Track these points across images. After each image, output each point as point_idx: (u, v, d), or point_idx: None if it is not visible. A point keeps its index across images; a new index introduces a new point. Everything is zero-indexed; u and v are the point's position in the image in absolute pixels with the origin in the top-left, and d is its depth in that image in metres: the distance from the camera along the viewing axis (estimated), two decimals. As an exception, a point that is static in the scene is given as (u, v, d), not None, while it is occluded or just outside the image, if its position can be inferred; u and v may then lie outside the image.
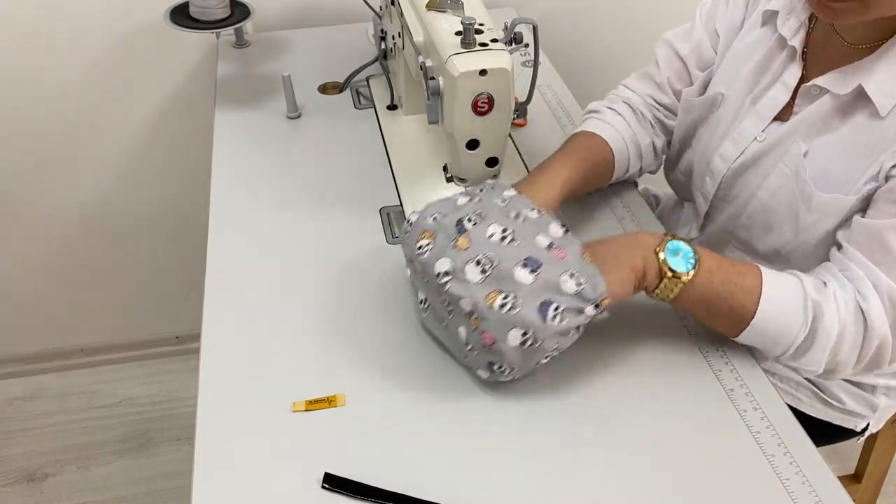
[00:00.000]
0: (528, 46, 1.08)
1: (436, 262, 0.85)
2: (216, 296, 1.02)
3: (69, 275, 1.88)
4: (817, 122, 0.95)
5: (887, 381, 1.11)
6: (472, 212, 0.88)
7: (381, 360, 0.93)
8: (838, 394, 1.11)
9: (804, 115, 0.96)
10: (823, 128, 0.95)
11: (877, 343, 0.87)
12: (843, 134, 0.93)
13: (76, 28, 1.56)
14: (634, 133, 1.15)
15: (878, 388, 1.12)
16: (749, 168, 1.04)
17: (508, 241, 0.85)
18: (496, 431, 0.85)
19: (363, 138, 1.31)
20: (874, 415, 1.13)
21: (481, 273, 0.83)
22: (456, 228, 0.87)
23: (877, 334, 0.86)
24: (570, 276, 0.82)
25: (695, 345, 0.95)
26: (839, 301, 0.87)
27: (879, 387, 1.12)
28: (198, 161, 1.64)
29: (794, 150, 0.96)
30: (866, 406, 1.13)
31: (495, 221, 0.87)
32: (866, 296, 0.87)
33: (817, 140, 0.95)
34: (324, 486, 0.79)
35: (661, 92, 1.18)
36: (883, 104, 0.88)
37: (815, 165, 0.95)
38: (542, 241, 0.85)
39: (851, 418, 1.13)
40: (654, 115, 1.18)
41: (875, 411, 1.13)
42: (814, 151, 0.95)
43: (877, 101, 0.88)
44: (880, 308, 0.86)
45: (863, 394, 1.12)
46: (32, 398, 1.94)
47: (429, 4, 1.03)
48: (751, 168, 1.03)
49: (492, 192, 0.94)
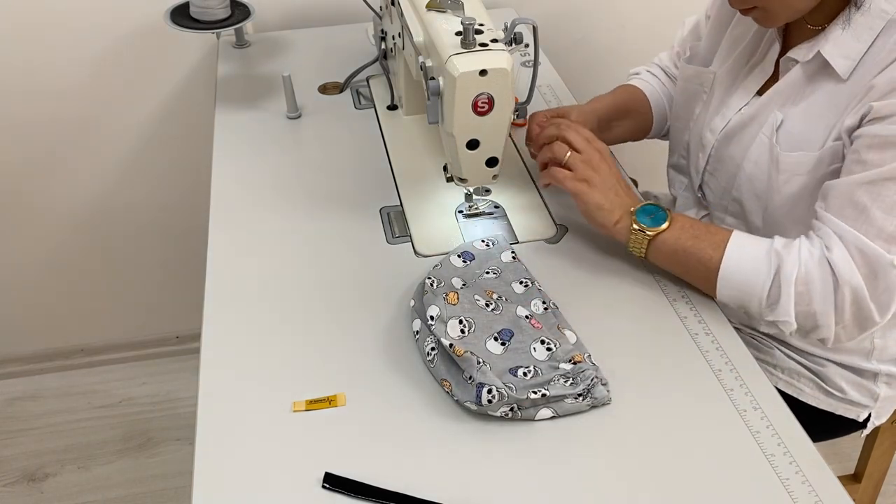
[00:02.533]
0: (528, 46, 1.08)
1: (428, 306, 0.92)
2: (216, 296, 1.02)
3: (69, 275, 1.88)
4: (790, 91, 1.02)
5: (888, 369, 1.12)
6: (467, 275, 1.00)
7: (381, 360, 0.93)
8: (839, 382, 1.12)
9: (778, 86, 1.03)
10: (796, 96, 1.01)
11: (849, 293, 0.90)
12: (812, 100, 0.99)
13: (77, 28, 1.56)
14: (669, 91, 1.31)
15: (880, 375, 1.12)
16: (733, 140, 1.09)
17: (491, 309, 0.94)
18: (496, 431, 0.85)
19: (363, 138, 1.31)
20: (875, 404, 1.14)
21: (460, 332, 0.91)
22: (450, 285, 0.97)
23: (845, 282, 0.90)
24: (542, 343, 0.91)
25: (695, 345, 0.95)
26: (802, 251, 0.92)
27: (881, 375, 1.12)
28: (198, 161, 1.65)
29: (770, 120, 1.03)
30: (867, 395, 1.13)
31: (484, 291, 0.97)
32: (831, 246, 0.91)
33: (791, 109, 1.01)
34: (324, 486, 0.79)
35: (673, 66, 1.32)
36: (842, 66, 0.95)
37: (787, 130, 1.01)
38: (521, 312, 0.95)
39: (853, 408, 1.14)
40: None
41: (876, 400, 1.13)
42: (788, 119, 1.01)
43: (835, 64, 0.96)
44: (846, 257, 0.90)
45: (863, 382, 1.12)
46: (33, 398, 1.94)
47: (429, 4, 1.03)
48: (734, 140, 1.09)
49: (490, 253, 1.04)
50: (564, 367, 0.88)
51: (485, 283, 0.99)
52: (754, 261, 0.94)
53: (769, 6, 0.95)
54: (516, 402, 0.84)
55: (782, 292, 0.92)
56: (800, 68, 1.00)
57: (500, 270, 1.02)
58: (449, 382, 0.87)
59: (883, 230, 0.89)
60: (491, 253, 1.05)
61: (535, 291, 0.99)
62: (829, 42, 0.96)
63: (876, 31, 0.93)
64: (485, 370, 0.85)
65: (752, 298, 0.95)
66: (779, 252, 0.93)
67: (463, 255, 1.03)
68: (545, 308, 0.97)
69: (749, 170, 1.06)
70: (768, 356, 1.13)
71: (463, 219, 1.14)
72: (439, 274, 0.99)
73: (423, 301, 0.94)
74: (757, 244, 0.96)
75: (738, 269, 0.95)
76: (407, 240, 1.10)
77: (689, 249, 0.97)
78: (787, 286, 0.92)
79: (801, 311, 0.92)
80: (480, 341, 0.90)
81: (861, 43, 0.94)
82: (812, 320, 0.93)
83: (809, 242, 0.93)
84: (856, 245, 0.90)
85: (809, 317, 0.93)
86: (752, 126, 1.06)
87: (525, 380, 0.86)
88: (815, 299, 0.92)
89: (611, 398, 0.88)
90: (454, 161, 1.05)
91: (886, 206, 0.89)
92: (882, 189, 0.89)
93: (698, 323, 0.98)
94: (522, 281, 1.00)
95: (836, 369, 1.12)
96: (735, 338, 0.96)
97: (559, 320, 0.95)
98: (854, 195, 0.91)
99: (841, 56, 0.95)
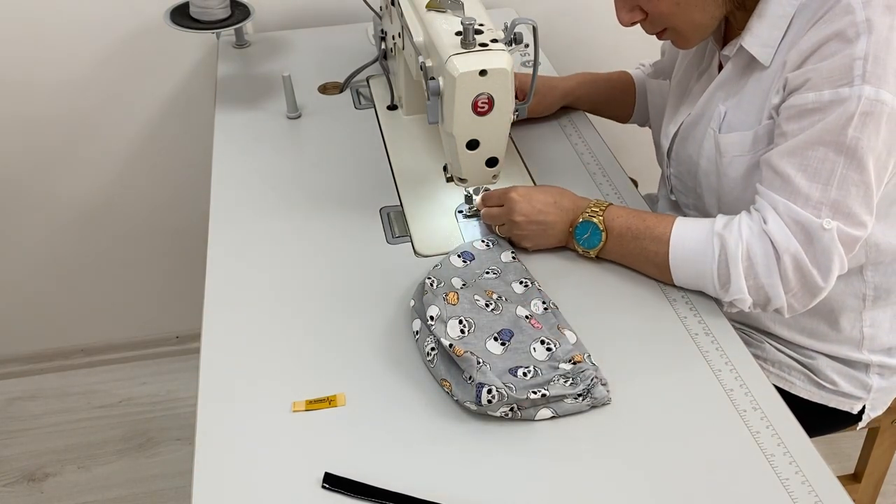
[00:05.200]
0: (528, 46, 1.09)
1: (428, 306, 0.92)
2: (216, 296, 1.02)
3: (69, 275, 1.88)
4: (727, 86, 1.07)
5: (880, 359, 1.12)
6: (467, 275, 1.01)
7: (381, 360, 0.93)
8: (830, 375, 1.12)
9: (717, 82, 1.09)
10: (732, 89, 1.06)
11: (789, 260, 0.93)
12: (746, 90, 1.04)
13: (77, 28, 1.56)
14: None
15: (872, 366, 1.13)
16: (687, 140, 1.14)
17: (491, 309, 0.94)
18: (496, 431, 0.86)
19: (363, 138, 1.31)
20: (869, 396, 1.14)
21: (460, 332, 0.91)
22: (450, 285, 0.97)
23: (784, 251, 0.93)
24: (541, 343, 0.91)
25: (694, 345, 0.95)
26: (743, 227, 0.95)
27: (872, 365, 1.12)
28: (198, 161, 1.65)
29: (715, 115, 1.07)
30: (860, 387, 1.13)
31: (484, 291, 0.97)
32: (767, 219, 0.95)
33: (731, 101, 1.06)
34: (324, 486, 0.79)
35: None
36: (761, 54, 1.00)
37: (728, 120, 1.06)
38: (521, 312, 0.95)
39: (847, 400, 1.14)
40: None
41: (869, 392, 1.14)
42: (729, 111, 1.06)
43: (755, 53, 1.01)
44: (781, 225, 0.93)
45: (855, 373, 1.13)
46: (32, 398, 1.94)
47: (429, 5, 1.03)
48: (688, 140, 1.14)
49: (490, 253, 1.05)
50: (564, 368, 0.88)
51: (485, 283, 0.99)
52: (697, 246, 0.98)
53: (678, 27, 1.01)
54: (516, 402, 0.85)
55: (731, 272, 0.95)
56: (730, 63, 1.06)
57: (500, 270, 1.02)
58: (449, 382, 0.87)
59: (810, 197, 0.92)
60: (491, 253, 1.05)
61: (535, 291, 0.99)
62: (749, 34, 1.00)
63: (789, 17, 0.98)
64: (485, 370, 0.85)
65: (706, 283, 0.98)
66: (720, 234, 0.96)
67: (463, 255, 1.03)
68: (545, 308, 0.97)
69: (704, 165, 1.10)
70: (758, 350, 1.14)
71: (463, 219, 1.14)
72: (439, 274, 0.99)
73: (423, 301, 0.94)
74: (697, 230, 0.99)
75: (684, 259, 0.99)
76: (407, 240, 1.10)
77: (633, 252, 1.02)
78: (735, 265, 0.95)
79: (749, 285, 0.95)
80: (480, 341, 0.90)
81: (776, 30, 0.99)
82: (763, 293, 0.95)
83: (749, 218, 0.96)
84: (788, 214, 0.93)
85: (759, 290, 0.95)
86: (701, 124, 1.10)
87: (525, 380, 0.86)
88: (761, 272, 0.94)
89: (610, 398, 0.88)
90: (454, 161, 1.05)
91: (809, 174, 0.92)
92: (802, 158, 0.93)
93: (698, 323, 0.98)
94: (522, 281, 1.00)
95: (826, 361, 1.12)
96: (735, 338, 0.96)
97: (559, 320, 0.95)
98: (779, 166, 0.94)
99: (759, 45, 1.00)
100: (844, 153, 0.90)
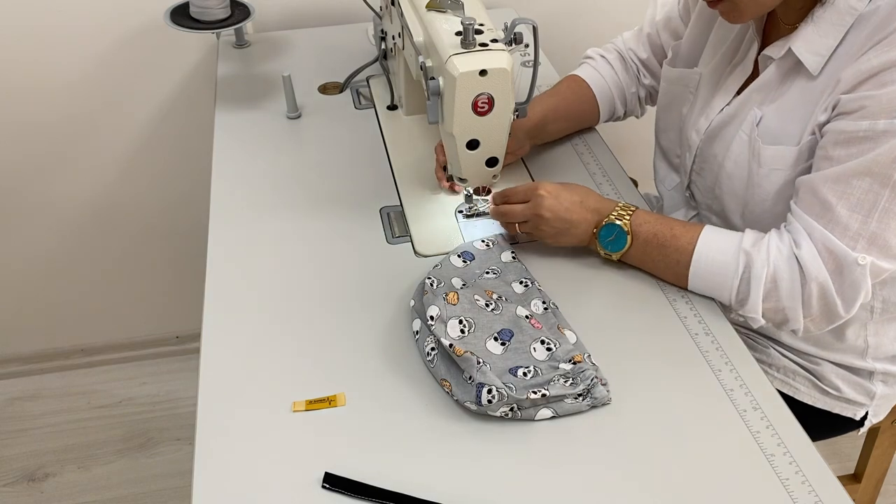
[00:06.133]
0: (528, 46, 1.08)
1: (428, 306, 0.92)
2: (216, 296, 1.02)
3: (69, 275, 1.88)
4: (766, 88, 1.03)
5: (884, 367, 1.12)
6: (467, 275, 1.01)
7: (381, 360, 0.93)
8: (835, 381, 1.12)
9: (756, 84, 1.04)
10: (772, 93, 1.02)
11: (816, 288, 0.92)
12: (787, 97, 1.00)
13: (77, 28, 1.56)
14: (620, 81, 1.30)
15: (876, 374, 1.12)
16: (715, 139, 1.10)
17: (491, 309, 0.94)
18: (496, 431, 0.85)
19: (363, 138, 1.31)
20: (872, 402, 1.14)
21: (460, 332, 0.91)
22: (450, 285, 0.97)
23: (812, 278, 0.91)
24: (541, 343, 0.91)
25: (694, 345, 0.95)
26: (772, 248, 0.94)
27: (876, 373, 1.12)
28: (198, 161, 1.65)
29: (749, 118, 1.03)
30: (863, 393, 1.13)
31: (484, 291, 0.97)
32: (800, 243, 0.93)
33: (769, 106, 1.02)
34: (324, 486, 0.79)
35: (641, 47, 1.31)
36: (811, 63, 0.96)
37: (766, 126, 1.02)
38: (521, 311, 0.95)
39: (850, 406, 1.14)
40: (636, 68, 1.32)
41: (873, 399, 1.13)
42: (766, 116, 1.02)
43: (805, 61, 0.96)
44: (814, 253, 0.92)
45: (859, 380, 1.12)
46: (33, 398, 1.94)
47: (429, 4, 1.03)
48: (717, 139, 1.10)
49: (490, 253, 1.04)
50: (564, 367, 0.88)
51: (485, 283, 0.99)
52: (723, 258, 0.96)
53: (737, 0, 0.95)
54: (516, 402, 0.84)
55: (751, 292, 0.94)
56: (774, 66, 1.01)
57: (500, 270, 1.02)
58: (449, 382, 0.87)
59: (848, 227, 0.90)
60: (491, 253, 1.05)
61: (535, 291, 0.99)
62: (800, 39, 0.96)
63: (845, 27, 0.93)
64: (485, 370, 0.85)
65: (722, 295, 0.98)
66: (748, 252, 0.95)
67: (463, 255, 1.03)
68: (545, 308, 0.97)
69: (729, 168, 1.07)
70: (763, 355, 1.13)
71: (463, 219, 1.14)
72: (439, 274, 0.99)
73: (423, 301, 0.94)
74: (725, 243, 0.97)
75: (707, 271, 0.98)
76: (407, 240, 1.10)
77: (655, 259, 1.01)
78: (756, 286, 0.94)
79: (769, 307, 0.95)
80: (480, 341, 0.90)
81: (829, 39, 0.94)
82: (781, 315, 0.95)
83: (779, 238, 0.95)
84: (823, 242, 0.91)
85: (778, 312, 0.95)
86: (733, 124, 1.07)
87: (525, 380, 0.86)
88: (784, 296, 0.94)
89: (610, 398, 0.88)
90: (454, 161, 1.05)
91: (851, 204, 0.90)
92: (847, 186, 0.90)
93: (698, 323, 0.98)
94: (522, 281, 1.00)
95: (831, 368, 1.12)
96: (735, 338, 0.96)
97: (559, 320, 0.95)
98: (820, 191, 0.92)
99: (810, 52, 0.96)
100: (891, 186, 0.88)
